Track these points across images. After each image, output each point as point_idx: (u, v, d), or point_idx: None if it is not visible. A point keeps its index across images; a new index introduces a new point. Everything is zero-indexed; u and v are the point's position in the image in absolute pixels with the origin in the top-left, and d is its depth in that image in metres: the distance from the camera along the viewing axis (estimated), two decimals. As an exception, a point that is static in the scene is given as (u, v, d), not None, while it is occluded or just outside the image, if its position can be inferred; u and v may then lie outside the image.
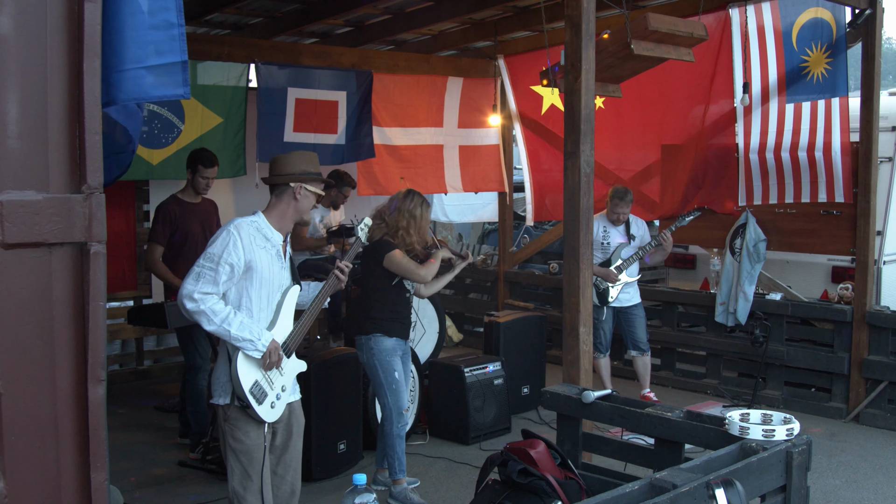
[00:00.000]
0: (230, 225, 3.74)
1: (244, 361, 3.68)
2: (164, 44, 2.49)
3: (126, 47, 2.42)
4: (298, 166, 3.90)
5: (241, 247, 3.66)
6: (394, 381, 5.18)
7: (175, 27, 2.51)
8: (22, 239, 1.91)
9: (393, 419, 5.19)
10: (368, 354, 5.20)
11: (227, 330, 3.61)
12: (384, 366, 5.17)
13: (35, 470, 1.96)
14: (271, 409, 3.79)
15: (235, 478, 3.76)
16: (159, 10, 2.48)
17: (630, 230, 7.13)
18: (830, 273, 8.14)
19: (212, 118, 7.27)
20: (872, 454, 6.19)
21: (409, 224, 5.18)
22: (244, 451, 3.75)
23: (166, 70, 2.51)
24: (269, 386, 3.77)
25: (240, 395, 3.68)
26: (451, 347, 9.43)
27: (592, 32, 5.24)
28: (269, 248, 3.79)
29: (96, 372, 2.02)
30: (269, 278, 3.78)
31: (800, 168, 7.21)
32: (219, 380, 3.79)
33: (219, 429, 3.87)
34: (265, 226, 3.82)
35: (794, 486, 3.34)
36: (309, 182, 3.89)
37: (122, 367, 8.41)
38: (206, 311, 3.59)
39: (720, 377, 7.83)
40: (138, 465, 5.93)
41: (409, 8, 8.02)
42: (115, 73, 2.40)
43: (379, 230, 5.21)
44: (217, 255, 3.64)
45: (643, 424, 3.89)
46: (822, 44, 7.03)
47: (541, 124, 8.90)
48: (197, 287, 3.60)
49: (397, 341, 5.24)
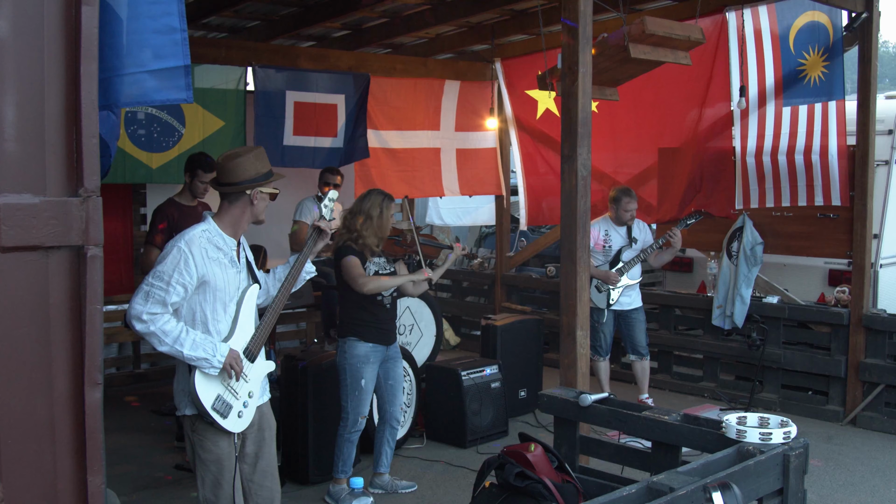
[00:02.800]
0: (181, 241, 3.55)
1: (202, 378, 3.52)
2: (166, 48, 2.50)
3: (128, 51, 2.42)
4: (251, 170, 3.68)
5: (193, 265, 3.50)
6: (358, 387, 5.16)
7: (177, 32, 2.51)
8: (19, 242, 1.91)
9: (348, 423, 5.21)
10: (341, 357, 5.21)
11: (180, 351, 3.45)
12: (352, 371, 5.15)
13: (32, 473, 1.96)
14: (239, 419, 3.65)
15: (207, 486, 3.66)
16: (161, 14, 2.49)
17: (632, 233, 7.12)
18: (827, 276, 8.15)
19: (213, 122, 7.26)
20: (869, 457, 6.19)
21: (366, 225, 5.15)
22: (214, 460, 3.64)
23: (168, 74, 2.51)
24: (233, 397, 3.62)
25: (201, 412, 3.54)
26: (448, 351, 9.42)
27: (589, 36, 5.25)
28: (221, 257, 3.63)
29: (93, 375, 2.02)
30: (223, 288, 3.62)
31: (796, 171, 7.22)
32: (181, 391, 3.64)
33: (186, 439, 3.73)
34: (216, 234, 3.66)
35: (791, 490, 3.34)
36: (265, 184, 3.72)
37: (119, 371, 8.40)
38: (157, 331, 3.42)
39: (717, 380, 7.84)
40: (135, 469, 5.92)
41: (407, 11, 8.03)
42: (117, 76, 2.40)
43: (341, 236, 5.21)
44: (168, 274, 3.46)
45: (640, 428, 3.89)
46: (819, 47, 7.04)
47: (536, 128, 8.90)
48: (146, 308, 3.42)
49: (374, 347, 5.20)
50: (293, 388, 5.60)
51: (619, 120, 8.17)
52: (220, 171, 3.75)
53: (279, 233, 7.72)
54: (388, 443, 5.48)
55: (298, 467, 5.59)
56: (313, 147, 7.72)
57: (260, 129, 7.38)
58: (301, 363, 5.59)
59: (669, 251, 7.08)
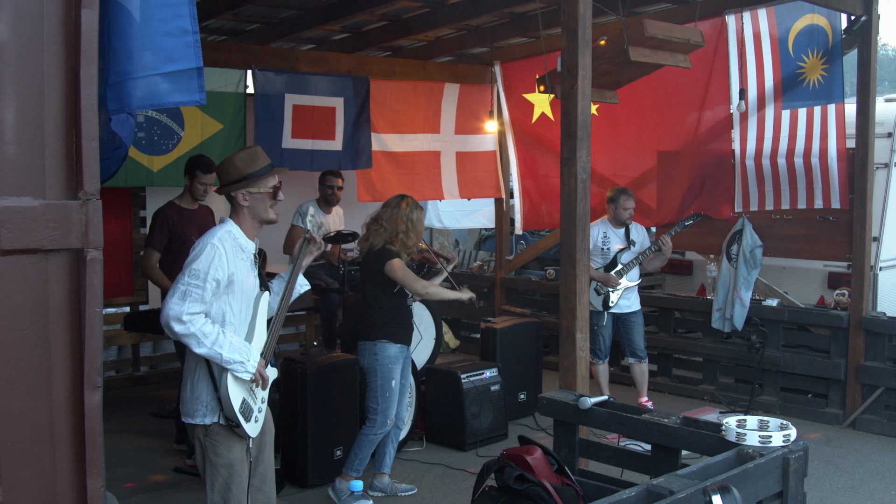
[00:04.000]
0: (213, 237, 3.56)
1: (232, 382, 3.52)
2: (178, 50, 2.50)
3: (141, 54, 2.42)
4: (235, 172, 3.67)
5: (225, 261, 3.51)
6: (389, 389, 5.19)
7: (189, 34, 2.51)
8: (18, 245, 1.91)
9: (376, 424, 5.21)
10: (371, 359, 5.20)
11: (219, 353, 3.44)
12: (383, 373, 5.18)
13: (31, 476, 1.96)
14: (255, 424, 3.69)
15: (216, 491, 3.64)
16: (173, 17, 2.49)
17: (630, 235, 7.13)
18: (827, 279, 8.16)
19: (212, 125, 7.27)
20: (869, 460, 6.19)
21: (408, 228, 5.22)
22: (226, 464, 3.62)
23: (181, 76, 2.51)
24: (253, 401, 3.66)
25: (230, 417, 3.53)
26: (447, 353, 9.41)
27: (589, 38, 5.25)
28: (245, 258, 3.65)
29: (92, 378, 2.02)
30: (247, 291, 3.65)
31: (796, 174, 7.23)
32: (197, 399, 3.58)
33: (196, 444, 3.68)
34: (240, 234, 3.67)
35: (790, 493, 3.34)
36: (252, 184, 3.66)
37: (119, 373, 8.39)
38: (197, 333, 3.41)
39: (717, 383, 7.83)
40: (135, 472, 5.91)
41: (406, 14, 8.03)
42: (129, 80, 2.40)
43: (378, 236, 5.22)
44: (203, 271, 3.45)
45: (640, 430, 3.89)
46: (819, 50, 7.05)
47: (533, 132, 8.90)
48: (184, 307, 3.40)
49: (401, 348, 5.26)
50: (292, 391, 5.60)
51: (619, 123, 8.18)
52: (217, 174, 3.82)
53: (280, 236, 7.72)
54: (392, 443, 5.49)
55: (297, 470, 5.58)
56: (311, 150, 7.72)
57: (259, 132, 7.38)
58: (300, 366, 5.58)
59: (660, 257, 7.16)
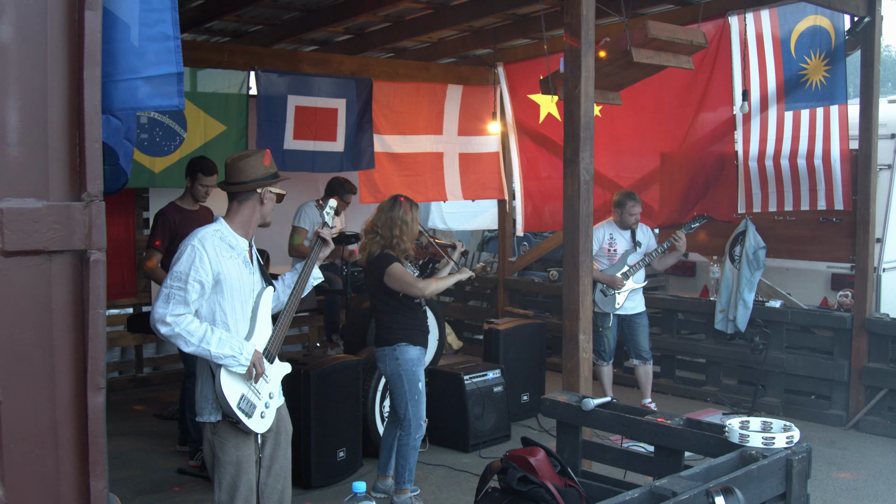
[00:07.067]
0: (193, 239, 3.59)
1: (227, 377, 3.56)
2: (159, 55, 2.52)
3: (122, 58, 2.44)
4: (259, 170, 3.74)
5: (207, 261, 3.53)
6: (417, 391, 5.16)
7: (171, 39, 2.53)
8: (22, 246, 1.91)
9: (412, 430, 5.16)
10: (394, 365, 5.16)
11: (207, 350, 3.49)
12: (409, 376, 5.14)
13: (34, 477, 1.96)
14: (262, 420, 3.70)
15: (223, 488, 3.68)
16: (156, 22, 2.51)
17: (636, 237, 7.13)
18: (830, 280, 8.15)
19: (215, 126, 7.27)
20: (872, 462, 6.18)
21: (402, 231, 5.17)
22: (233, 462, 3.66)
23: (162, 81, 2.53)
24: (256, 397, 3.67)
25: (228, 413, 3.58)
26: (450, 355, 9.41)
27: (592, 40, 5.26)
28: (234, 256, 3.66)
29: (96, 379, 2.02)
30: (239, 288, 3.66)
31: (799, 176, 7.22)
32: (205, 398, 3.67)
33: (206, 443, 3.74)
34: (229, 234, 3.69)
35: (793, 494, 3.33)
36: (275, 184, 3.78)
37: (122, 375, 8.40)
38: (182, 332, 3.46)
39: (720, 384, 7.82)
40: (138, 473, 5.92)
41: (409, 16, 8.04)
42: (111, 83, 2.42)
43: (375, 244, 5.20)
44: (184, 272, 3.50)
45: (643, 432, 3.89)
46: (821, 51, 7.05)
47: (539, 133, 8.89)
48: (168, 309, 3.46)
49: (421, 350, 5.24)
50: (296, 393, 5.59)
51: (622, 124, 8.17)
52: (229, 172, 3.79)
53: (281, 237, 7.73)
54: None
55: (301, 472, 5.57)
56: (312, 151, 7.73)
57: (262, 134, 7.39)
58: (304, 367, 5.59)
59: (674, 254, 7.13)
